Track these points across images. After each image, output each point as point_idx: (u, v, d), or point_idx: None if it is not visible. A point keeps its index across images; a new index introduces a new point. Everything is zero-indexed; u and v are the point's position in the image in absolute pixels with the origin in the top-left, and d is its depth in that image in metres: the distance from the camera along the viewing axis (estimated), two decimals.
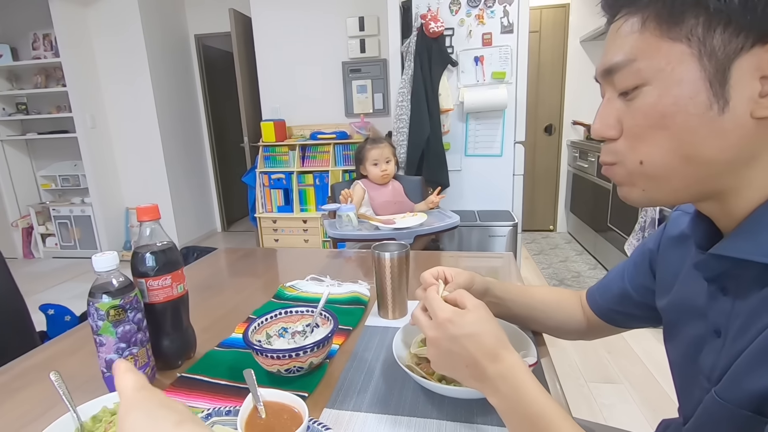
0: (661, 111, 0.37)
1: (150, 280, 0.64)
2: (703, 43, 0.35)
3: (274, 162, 3.58)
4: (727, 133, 0.36)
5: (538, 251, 3.61)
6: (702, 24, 0.34)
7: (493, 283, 0.70)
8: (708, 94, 0.35)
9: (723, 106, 0.35)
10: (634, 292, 0.63)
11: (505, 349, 0.47)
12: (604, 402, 1.72)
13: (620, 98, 0.41)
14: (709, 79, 0.35)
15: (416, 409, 0.57)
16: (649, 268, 0.61)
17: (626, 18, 0.39)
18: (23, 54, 3.82)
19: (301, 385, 0.62)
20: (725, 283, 0.43)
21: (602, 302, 0.68)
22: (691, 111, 0.36)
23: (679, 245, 0.55)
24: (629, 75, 0.39)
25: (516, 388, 0.44)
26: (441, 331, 0.48)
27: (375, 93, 3.57)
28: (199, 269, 1.21)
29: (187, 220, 4.22)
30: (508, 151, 2.63)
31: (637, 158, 0.40)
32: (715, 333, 0.44)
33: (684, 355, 0.50)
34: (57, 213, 3.93)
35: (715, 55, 0.34)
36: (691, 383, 0.48)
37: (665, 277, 0.56)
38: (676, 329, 0.53)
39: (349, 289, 0.95)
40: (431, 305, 0.51)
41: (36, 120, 3.92)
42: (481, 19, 2.48)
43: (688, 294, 0.50)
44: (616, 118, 0.41)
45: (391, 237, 1.55)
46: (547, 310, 0.73)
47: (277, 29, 3.60)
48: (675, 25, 0.36)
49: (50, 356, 0.76)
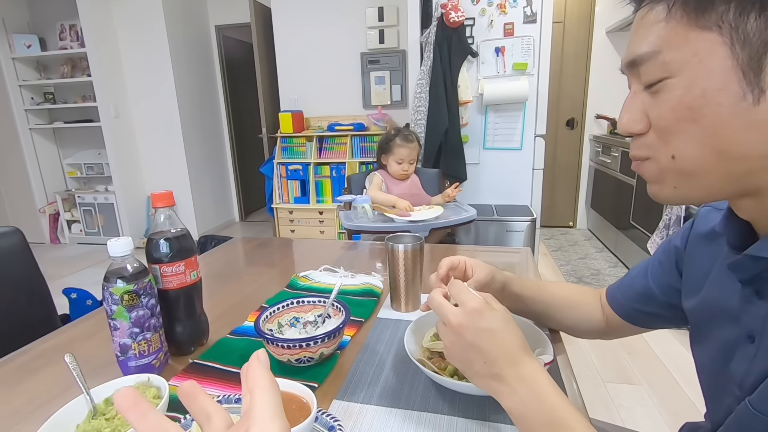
0: (688, 104, 0.35)
1: (164, 267, 0.64)
2: (735, 30, 0.32)
3: (292, 153, 3.59)
4: (764, 124, 0.33)
5: (557, 247, 3.55)
6: (734, 9, 0.32)
7: (512, 279, 0.68)
8: (741, 84, 0.33)
9: (758, 95, 0.33)
10: (658, 290, 0.60)
11: (528, 354, 0.46)
12: (622, 403, 1.68)
13: (646, 91, 0.38)
14: (742, 68, 0.32)
15: (427, 404, 0.56)
16: (675, 267, 0.58)
17: (651, 6, 0.36)
18: (51, 44, 3.92)
19: (311, 375, 0.61)
20: (761, 286, 0.40)
21: (624, 301, 0.65)
22: (721, 102, 0.34)
23: (708, 243, 0.52)
24: (654, 67, 0.36)
25: (536, 392, 0.43)
26: (468, 320, 0.46)
27: (393, 84, 3.54)
28: (215, 257, 1.23)
29: (206, 209, 4.28)
30: (528, 144, 2.58)
31: (669, 152, 0.37)
32: (749, 338, 0.41)
33: (713, 360, 0.48)
34: (82, 200, 4.04)
35: (749, 42, 0.32)
36: (721, 389, 0.46)
37: (693, 276, 0.53)
38: (704, 332, 0.50)
39: (363, 280, 0.95)
40: (461, 293, 0.48)
41: (63, 109, 4.03)
42: (503, 9, 2.42)
43: (719, 295, 0.47)
44: (642, 112, 0.39)
45: (406, 229, 1.54)
46: (565, 308, 0.71)
47: (297, 20, 3.60)
48: (704, 12, 0.33)
49: (68, 339, 0.77)
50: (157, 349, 0.63)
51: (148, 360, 0.62)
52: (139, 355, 0.61)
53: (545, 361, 0.56)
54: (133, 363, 0.61)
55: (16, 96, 3.84)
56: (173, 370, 0.65)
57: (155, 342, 0.63)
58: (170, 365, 0.67)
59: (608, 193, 3.37)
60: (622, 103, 0.42)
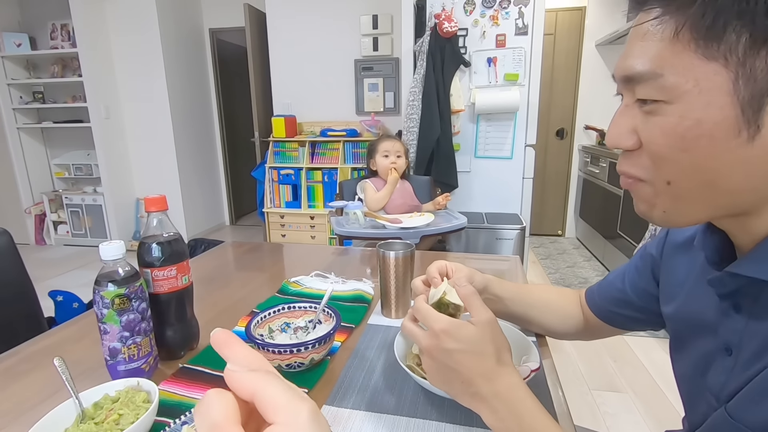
0: (682, 133, 0.34)
1: (155, 271, 0.65)
2: (742, 65, 0.31)
3: (284, 158, 3.59)
4: (756, 160, 0.33)
5: (546, 256, 3.58)
6: (744, 43, 0.30)
7: (492, 281, 0.69)
8: (738, 120, 0.32)
9: (754, 133, 0.32)
10: (634, 295, 0.62)
11: (504, 367, 0.45)
12: (608, 411, 1.70)
13: (638, 106, 0.37)
14: (741, 104, 0.31)
15: (416, 409, 0.57)
16: (651, 273, 0.60)
17: (659, 20, 0.34)
18: (41, 43, 3.88)
19: (301, 380, 0.62)
20: (739, 300, 0.41)
21: (601, 303, 0.67)
22: (716, 136, 0.33)
23: (683, 253, 0.53)
24: (652, 89, 0.35)
25: (515, 410, 0.43)
26: (437, 342, 0.46)
27: (386, 91, 3.57)
28: (205, 261, 1.22)
29: (196, 212, 4.25)
30: (518, 153, 2.61)
31: (665, 178, 0.37)
32: (726, 351, 0.42)
33: (692, 368, 0.49)
34: (69, 201, 3.98)
35: (754, 78, 0.31)
36: (698, 398, 0.47)
37: (670, 285, 0.55)
38: (683, 341, 0.52)
39: (353, 286, 0.95)
40: (424, 315, 0.48)
41: (52, 109, 3.98)
42: (496, 20, 2.47)
43: (697, 307, 0.48)
44: (632, 128, 0.38)
45: (397, 236, 1.55)
46: (544, 309, 0.72)
47: (291, 25, 3.61)
48: (713, 40, 0.31)
49: (56, 342, 0.77)
50: (147, 354, 0.63)
51: (138, 364, 0.62)
52: (129, 359, 0.61)
53: (531, 368, 0.57)
54: (123, 367, 0.61)
55: (4, 95, 3.79)
56: (163, 375, 0.65)
57: (145, 346, 0.63)
58: (160, 369, 0.67)
59: (596, 203, 3.43)
60: (610, 114, 0.41)
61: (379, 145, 1.92)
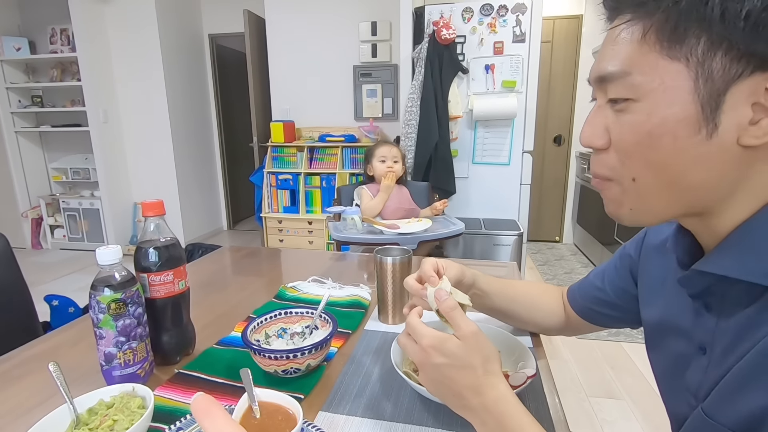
0: (649, 130, 0.36)
1: (152, 275, 0.64)
2: (701, 65, 0.33)
3: (282, 163, 3.60)
4: (712, 158, 0.35)
5: (543, 262, 3.59)
6: (703, 45, 0.33)
7: (479, 276, 0.70)
8: (698, 118, 0.34)
9: (711, 131, 0.34)
10: (613, 294, 0.64)
11: (491, 378, 0.46)
12: (605, 418, 1.69)
13: (610, 107, 0.39)
14: (701, 102, 0.34)
15: (412, 416, 0.57)
16: (629, 274, 0.61)
17: (628, 25, 0.37)
18: (41, 48, 3.89)
19: (297, 386, 0.62)
20: (709, 299, 0.42)
21: (582, 301, 0.69)
22: (678, 134, 0.35)
23: (660, 254, 0.54)
24: (622, 87, 0.37)
25: (502, 421, 0.44)
26: (426, 356, 0.48)
27: (385, 97, 3.58)
28: (202, 266, 1.22)
29: (194, 217, 4.25)
30: (516, 160, 2.63)
31: (630, 175, 0.39)
32: (701, 350, 0.44)
33: (670, 369, 0.50)
34: (66, 205, 3.97)
35: (712, 78, 0.33)
36: (678, 398, 0.48)
37: (648, 286, 0.56)
38: (659, 341, 0.53)
39: (351, 292, 0.95)
40: (414, 330, 0.50)
41: (50, 113, 3.98)
42: (494, 28, 2.49)
43: (672, 308, 0.49)
44: (604, 127, 0.40)
45: (395, 242, 1.55)
46: (528, 304, 0.74)
47: (290, 31, 3.63)
48: (676, 42, 0.34)
49: (51, 347, 0.76)
50: (142, 359, 0.63)
51: (134, 369, 0.61)
52: (125, 364, 0.61)
53: (528, 375, 0.58)
54: (118, 372, 0.60)
55: (2, 98, 3.79)
56: (158, 380, 0.65)
57: (141, 351, 0.62)
58: (155, 375, 0.66)
59: (593, 209, 3.44)
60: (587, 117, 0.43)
61: (376, 150, 1.93)
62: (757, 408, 0.35)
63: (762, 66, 0.32)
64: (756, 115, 0.33)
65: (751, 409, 0.35)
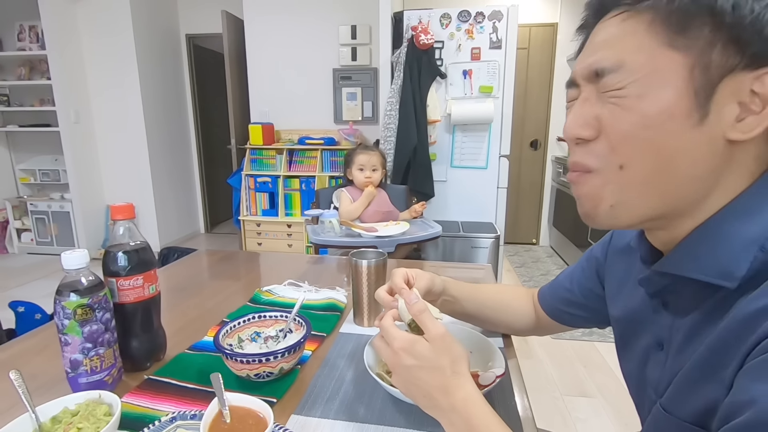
0: (643, 111, 0.37)
1: (121, 280, 0.63)
2: (700, 55, 0.35)
3: (261, 165, 3.56)
4: (701, 147, 0.36)
5: (520, 264, 3.65)
6: (705, 36, 0.34)
7: (449, 282, 0.71)
8: (690, 102, 0.35)
9: (702, 117, 0.35)
10: (581, 295, 0.66)
11: (459, 379, 0.47)
12: (578, 416, 1.74)
13: (600, 98, 0.39)
14: (695, 88, 0.35)
15: (384, 417, 0.57)
16: (596, 275, 0.64)
17: (624, 17, 0.38)
18: (8, 45, 3.75)
19: (270, 390, 0.62)
20: (666, 297, 0.45)
21: (552, 302, 0.71)
22: (674, 114, 0.36)
23: (624, 257, 0.57)
24: (617, 77, 0.38)
25: (468, 422, 0.45)
26: (397, 359, 0.49)
27: (364, 101, 3.59)
28: (177, 270, 1.20)
29: (170, 220, 4.16)
30: (493, 163, 2.67)
31: (619, 161, 0.38)
32: (658, 346, 0.46)
33: (635, 366, 0.52)
34: (34, 208, 3.83)
35: (708, 68, 0.35)
36: (642, 395, 0.50)
37: (613, 287, 0.59)
38: (625, 341, 0.55)
39: (326, 295, 0.95)
40: (387, 333, 0.51)
41: (17, 112, 3.83)
42: (471, 34, 2.53)
43: (634, 306, 0.52)
44: (593, 117, 0.40)
45: (372, 245, 1.56)
46: (498, 308, 0.76)
47: (269, 33, 3.60)
48: (681, 32, 0.35)
49: (14, 354, 0.74)
50: (110, 365, 0.61)
51: (101, 376, 0.60)
52: (91, 371, 0.59)
53: (497, 374, 0.59)
54: (84, 379, 0.59)
55: None
56: (127, 387, 0.63)
57: (108, 357, 0.61)
58: (124, 381, 0.65)
59: (569, 212, 3.52)
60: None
61: (356, 157, 1.93)
62: (709, 401, 0.36)
63: (753, 63, 0.34)
64: (741, 112, 0.35)
65: (704, 402, 0.37)
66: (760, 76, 0.34)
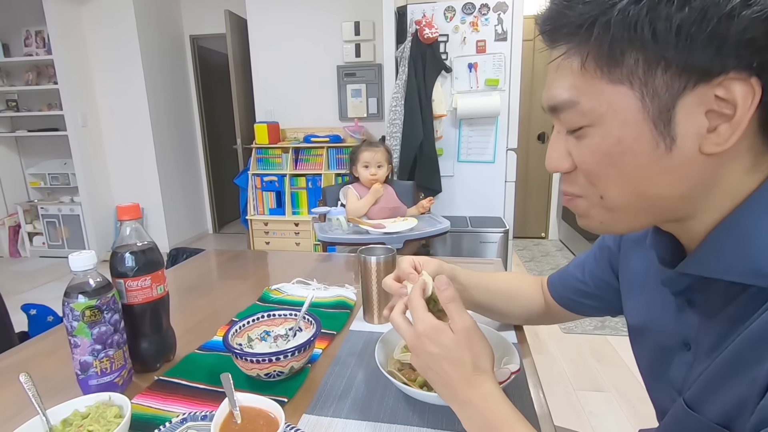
0: (607, 151, 0.37)
1: (129, 281, 0.63)
2: (645, 84, 0.34)
3: (267, 164, 3.56)
4: (677, 169, 0.35)
5: (530, 258, 3.62)
6: (642, 65, 0.33)
7: (458, 271, 0.70)
8: (653, 134, 0.34)
9: (670, 144, 0.34)
10: (593, 285, 0.65)
11: (481, 374, 0.46)
12: (592, 411, 1.72)
13: (568, 132, 0.40)
14: (653, 119, 0.34)
15: (397, 415, 0.56)
16: (609, 266, 0.62)
17: (566, 56, 0.37)
18: (15, 51, 3.78)
19: (281, 389, 0.61)
20: (692, 296, 0.42)
21: (562, 291, 0.70)
22: (637, 151, 0.35)
23: (640, 247, 0.55)
24: (574, 116, 0.38)
25: (486, 418, 0.44)
26: (419, 343, 0.48)
27: (369, 97, 3.58)
28: (186, 270, 1.20)
29: (178, 221, 4.18)
30: (500, 157, 2.65)
31: (598, 193, 0.39)
32: (685, 345, 0.44)
33: (654, 364, 0.50)
34: (45, 212, 3.87)
35: (657, 95, 0.33)
36: (662, 392, 0.48)
37: (629, 280, 0.57)
38: (642, 336, 0.53)
39: (336, 293, 0.94)
40: (413, 310, 0.50)
41: (26, 117, 3.87)
42: (476, 27, 2.50)
43: (655, 304, 0.50)
44: (566, 152, 0.40)
45: (380, 241, 1.54)
46: (507, 296, 0.75)
47: (273, 32, 3.60)
48: (615, 66, 0.34)
49: (26, 357, 0.74)
50: (120, 367, 0.61)
51: (111, 378, 0.60)
52: (101, 373, 0.59)
53: (511, 371, 0.58)
54: (95, 381, 0.59)
55: None
56: (137, 388, 0.63)
57: (118, 359, 0.61)
58: (134, 383, 0.65)
59: None
60: None
61: (360, 155, 1.92)
62: (738, 400, 0.35)
63: (704, 77, 0.32)
64: (712, 122, 0.33)
65: (732, 400, 0.35)
66: (721, 83, 0.32)
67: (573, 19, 0.35)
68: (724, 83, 0.32)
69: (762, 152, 0.35)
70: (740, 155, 0.35)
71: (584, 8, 0.34)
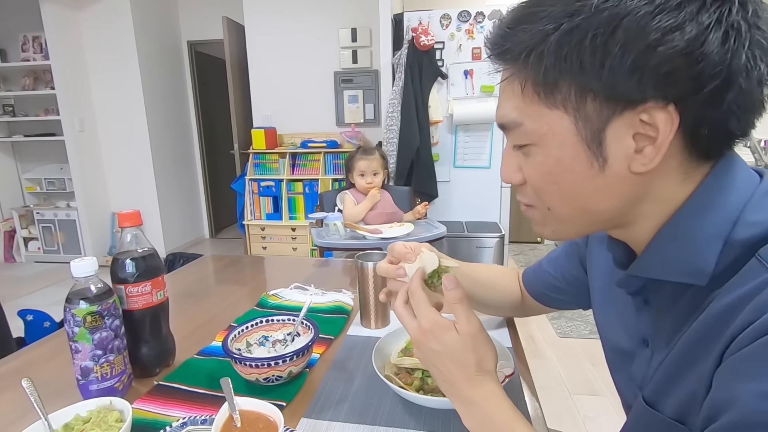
0: (548, 169, 0.40)
1: (129, 287, 0.64)
2: (577, 110, 0.36)
3: (264, 169, 3.57)
4: (611, 186, 0.38)
5: (526, 263, 3.64)
6: (574, 92, 0.36)
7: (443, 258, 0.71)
8: (587, 155, 0.37)
9: (602, 164, 0.37)
10: (565, 281, 0.67)
11: (483, 375, 0.47)
12: (588, 414, 1.73)
13: (518, 148, 0.42)
14: (586, 142, 0.37)
15: (394, 419, 0.57)
16: (579, 261, 0.64)
17: (509, 81, 0.40)
18: (12, 56, 3.79)
19: (279, 394, 0.62)
20: (647, 295, 0.45)
21: (536, 285, 0.73)
22: (575, 170, 0.38)
23: (603, 246, 0.56)
24: (519, 135, 0.40)
25: (487, 418, 0.45)
26: (423, 338, 0.48)
27: (366, 103, 3.60)
28: (184, 276, 1.20)
29: (175, 226, 4.18)
30: (496, 163, 2.67)
31: (546, 205, 0.42)
32: (644, 342, 0.46)
33: (617, 360, 0.53)
34: (41, 216, 3.86)
35: (589, 120, 0.36)
36: (626, 389, 0.51)
37: (595, 277, 0.59)
38: (607, 331, 0.56)
39: (333, 298, 0.95)
40: (416, 304, 0.50)
41: (23, 122, 3.87)
42: (471, 34, 2.53)
43: (617, 301, 0.52)
44: (517, 166, 0.43)
45: (377, 246, 1.56)
46: (488, 286, 0.76)
47: (270, 38, 3.62)
48: (550, 93, 0.37)
49: (25, 363, 0.75)
50: (120, 372, 0.62)
51: (111, 383, 0.61)
52: (102, 378, 0.60)
53: (506, 374, 0.59)
54: (95, 386, 0.60)
55: None
56: (137, 393, 0.64)
57: (119, 364, 0.61)
58: (134, 387, 0.65)
59: None
60: None
61: (356, 164, 1.94)
62: (688, 396, 0.37)
63: (629, 105, 0.35)
64: (639, 144, 0.36)
65: (684, 396, 0.38)
66: (645, 110, 0.34)
67: (512, 47, 0.38)
68: (647, 110, 0.34)
69: (692, 166, 0.38)
70: (670, 171, 0.38)
71: (523, 37, 0.37)
